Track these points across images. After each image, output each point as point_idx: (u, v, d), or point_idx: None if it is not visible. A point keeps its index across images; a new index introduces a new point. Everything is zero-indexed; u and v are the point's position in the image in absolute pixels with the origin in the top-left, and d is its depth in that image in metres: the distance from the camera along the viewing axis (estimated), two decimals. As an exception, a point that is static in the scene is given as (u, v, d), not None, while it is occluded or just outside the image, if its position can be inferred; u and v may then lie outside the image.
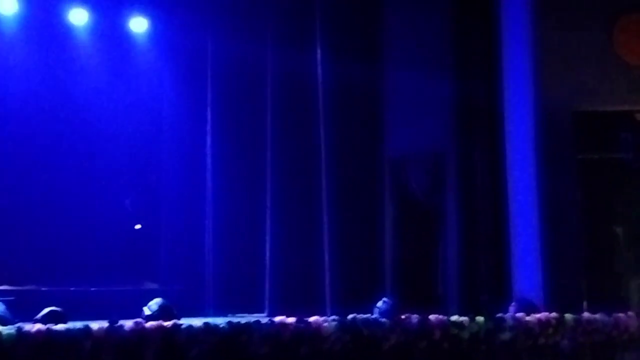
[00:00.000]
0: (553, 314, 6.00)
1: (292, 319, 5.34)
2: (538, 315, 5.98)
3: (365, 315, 5.66)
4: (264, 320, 5.29)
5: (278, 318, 5.35)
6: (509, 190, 7.68)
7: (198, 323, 5.10)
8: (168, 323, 4.98)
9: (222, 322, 5.17)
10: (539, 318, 5.94)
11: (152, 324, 4.92)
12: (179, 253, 9.24)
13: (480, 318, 5.75)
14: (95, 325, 4.76)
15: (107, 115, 9.23)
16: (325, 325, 5.35)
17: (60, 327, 4.71)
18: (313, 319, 5.39)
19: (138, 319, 5.02)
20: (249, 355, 5.12)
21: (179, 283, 8.83)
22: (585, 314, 6.16)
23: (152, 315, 5.59)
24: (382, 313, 6.02)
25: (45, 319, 5.04)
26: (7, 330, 4.53)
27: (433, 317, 5.70)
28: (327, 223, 8.28)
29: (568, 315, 6.01)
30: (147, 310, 5.80)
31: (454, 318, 5.73)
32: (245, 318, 5.82)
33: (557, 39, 7.75)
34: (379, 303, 6.33)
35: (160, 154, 9.57)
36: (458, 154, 8.16)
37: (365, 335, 5.44)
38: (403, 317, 5.65)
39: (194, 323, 5.09)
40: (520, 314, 5.99)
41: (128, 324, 4.87)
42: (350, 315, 5.57)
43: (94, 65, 9.22)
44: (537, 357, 5.83)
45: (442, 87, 8.13)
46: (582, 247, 7.46)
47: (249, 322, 5.22)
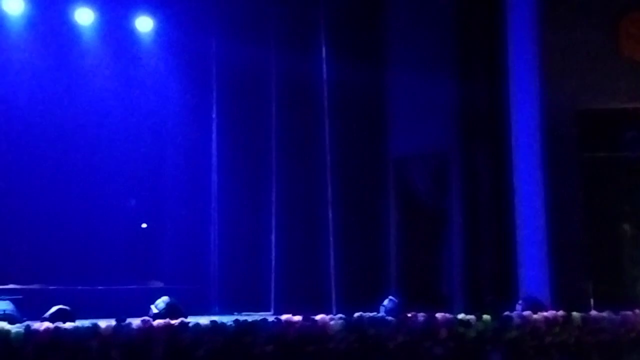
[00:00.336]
0: (560, 313, 6.00)
1: (298, 318, 5.34)
2: (545, 314, 5.98)
3: (372, 314, 5.66)
4: (271, 319, 5.30)
5: (284, 316, 5.35)
6: (514, 189, 7.66)
7: (205, 321, 5.11)
8: (175, 321, 5.00)
9: (228, 320, 5.19)
10: (546, 316, 5.94)
11: (159, 322, 4.94)
12: (185, 252, 9.27)
13: (487, 317, 5.75)
14: (103, 324, 4.78)
15: (112, 115, 9.25)
16: (332, 324, 5.35)
17: (68, 325, 4.73)
18: (319, 318, 5.40)
19: (145, 317, 5.04)
20: (256, 354, 5.12)
21: (185, 281, 8.86)
22: (593, 313, 6.15)
23: (159, 314, 5.60)
24: (388, 312, 6.02)
25: (54, 318, 5.05)
26: (15, 329, 4.55)
27: (439, 315, 5.69)
28: (332, 222, 8.28)
29: (575, 314, 6.01)
30: (154, 309, 5.81)
31: (461, 316, 5.73)
32: (251, 316, 5.83)
33: (560, 38, 7.73)
34: (385, 301, 6.33)
35: (166, 154, 9.59)
36: (462, 155, 8.15)
37: (372, 334, 5.44)
38: (409, 315, 5.65)
39: (201, 321, 5.11)
40: (527, 313, 5.98)
41: (135, 323, 4.88)
42: (357, 314, 5.57)
43: (100, 65, 9.25)
44: (544, 355, 5.83)
45: (446, 88, 8.13)
46: (588, 245, 7.44)
47: (256, 320, 5.23)
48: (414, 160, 8.56)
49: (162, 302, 5.86)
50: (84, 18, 9.12)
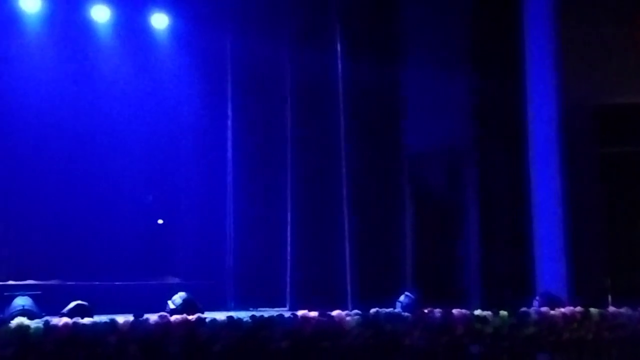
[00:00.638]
0: (578, 308, 5.96)
1: (314, 313, 5.34)
2: (563, 310, 5.94)
3: (388, 310, 5.64)
4: (287, 315, 5.31)
5: (300, 312, 5.35)
6: (531, 185, 7.63)
7: (221, 317, 5.13)
8: (192, 317, 5.02)
9: (245, 316, 5.20)
10: (564, 312, 5.90)
11: (176, 318, 4.96)
12: (201, 248, 9.30)
13: (504, 312, 5.72)
14: (121, 319, 4.81)
15: (128, 111, 9.30)
16: (348, 320, 5.35)
17: (87, 321, 4.75)
18: (335, 313, 5.40)
19: (162, 313, 5.06)
20: (272, 349, 5.13)
21: (201, 277, 8.89)
22: (611, 308, 6.11)
23: (176, 309, 5.62)
24: (404, 307, 6.01)
25: (72, 313, 5.09)
26: (35, 324, 4.58)
27: (456, 311, 5.67)
28: (347, 218, 8.28)
29: (593, 310, 5.97)
30: (171, 304, 5.83)
31: (478, 312, 5.71)
32: (267, 312, 5.84)
33: (578, 33, 7.68)
34: (401, 297, 6.32)
35: (182, 150, 9.63)
36: (478, 151, 8.12)
37: (388, 330, 5.43)
38: (426, 311, 5.63)
39: (218, 317, 5.12)
40: (545, 309, 5.95)
41: (153, 318, 4.90)
42: (373, 310, 5.56)
43: (116, 62, 9.29)
44: (561, 351, 5.80)
45: (462, 84, 8.10)
46: (606, 240, 7.40)
47: (272, 316, 5.24)
48: (430, 157, 8.54)
49: (179, 297, 5.89)
50: (100, 15, 9.16)
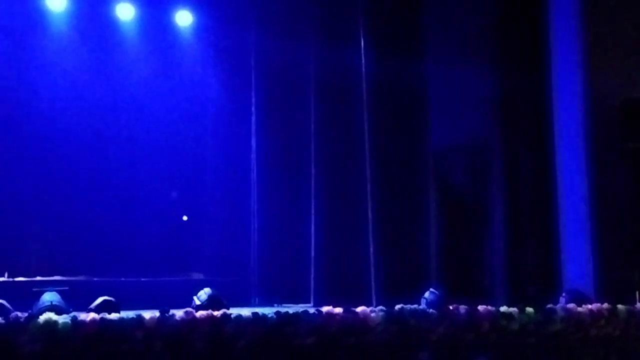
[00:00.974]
0: (605, 305, 5.90)
1: (339, 310, 5.34)
2: (590, 306, 5.89)
3: (413, 306, 5.62)
4: (311, 311, 5.31)
5: (325, 308, 5.35)
6: (557, 180, 7.55)
7: (246, 313, 5.14)
8: (217, 313, 5.04)
9: (269, 312, 5.21)
10: (591, 309, 5.85)
11: (202, 314, 4.99)
12: (226, 244, 9.33)
13: (530, 309, 5.68)
14: (147, 315, 4.85)
15: (153, 109, 9.35)
16: (373, 316, 5.34)
17: (114, 316, 4.80)
18: (360, 310, 5.39)
19: (188, 309, 5.09)
20: (296, 345, 5.14)
21: (226, 273, 8.92)
22: (638, 305, 6.04)
23: (201, 305, 5.66)
24: (429, 304, 5.98)
25: (99, 309, 5.14)
26: (62, 320, 4.64)
27: (481, 308, 5.64)
28: (371, 214, 8.25)
29: (620, 307, 5.90)
30: (196, 300, 5.87)
31: (503, 309, 5.67)
32: (291, 308, 5.85)
33: (603, 27, 7.58)
34: (426, 294, 6.29)
35: (206, 147, 9.66)
36: (503, 146, 8.05)
37: (413, 326, 5.41)
38: (451, 308, 5.60)
39: (242, 313, 5.14)
40: (571, 305, 5.90)
41: (179, 314, 4.94)
42: (398, 306, 5.54)
43: (140, 59, 9.34)
44: (588, 349, 5.74)
45: (486, 77, 8.02)
46: (634, 236, 7.30)
47: (297, 312, 5.25)
48: (455, 152, 8.49)
49: (204, 293, 5.92)
50: (125, 13, 9.23)
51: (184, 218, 9.64)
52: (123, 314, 4.90)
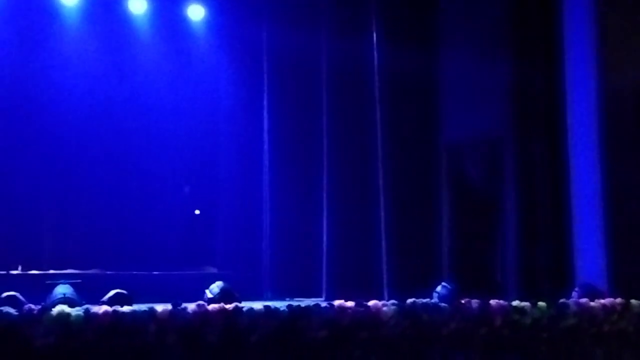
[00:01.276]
0: (618, 300, 5.87)
1: (351, 303, 5.34)
2: (602, 301, 5.85)
3: (425, 300, 5.61)
4: (323, 304, 5.31)
5: (337, 302, 5.35)
6: (571, 175, 7.50)
7: (258, 306, 5.15)
8: (230, 306, 5.05)
9: (281, 305, 5.21)
10: (604, 304, 5.82)
11: (214, 307, 4.99)
12: (238, 238, 9.35)
13: (543, 304, 5.65)
14: (160, 308, 4.86)
15: (166, 103, 9.37)
16: (385, 310, 5.33)
17: (126, 309, 4.82)
18: (372, 303, 5.38)
19: (200, 302, 5.10)
20: (308, 339, 5.14)
21: (238, 267, 8.94)
22: (652, 300, 6.00)
23: (213, 298, 5.67)
24: (441, 298, 5.97)
25: (112, 301, 5.16)
26: (75, 312, 4.66)
27: (494, 302, 5.62)
28: (384, 208, 8.24)
29: (634, 301, 5.87)
30: (208, 294, 5.88)
31: (516, 303, 5.65)
32: (303, 302, 5.85)
33: (619, 19, 7.50)
34: (438, 288, 6.28)
35: (218, 141, 9.67)
36: (517, 140, 7.99)
37: (425, 320, 5.40)
38: (463, 302, 5.59)
39: (254, 306, 5.14)
40: (584, 300, 5.87)
41: (191, 307, 4.95)
42: (410, 300, 5.53)
43: (153, 53, 9.36)
44: (601, 343, 5.71)
45: (500, 71, 7.96)
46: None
47: (309, 305, 5.25)
48: (468, 147, 8.44)
49: (216, 287, 5.93)
50: (137, 7, 9.24)
51: (196, 212, 9.67)
52: (136, 307, 4.91)
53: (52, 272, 8.05)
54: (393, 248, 8.10)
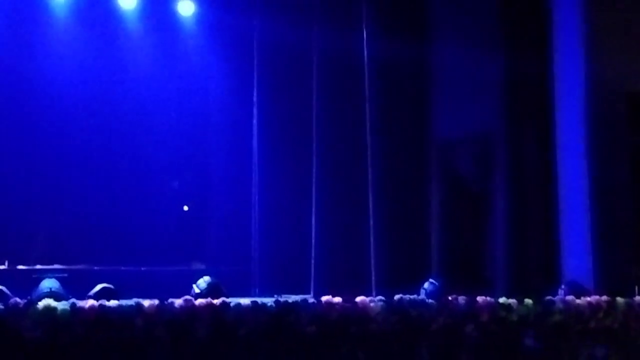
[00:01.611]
0: (604, 298, 5.90)
1: (338, 299, 5.35)
2: (588, 299, 5.89)
3: (412, 296, 5.63)
4: (311, 300, 5.32)
5: (325, 298, 5.36)
6: (559, 173, 7.54)
7: (246, 302, 5.15)
8: (217, 301, 5.05)
9: (269, 301, 5.21)
10: (590, 301, 5.85)
11: (201, 302, 4.99)
12: (226, 234, 9.35)
13: (529, 300, 5.69)
14: (147, 302, 4.85)
15: (155, 98, 9.35)
16: (372, 306, 5.35)
17: (113, 303, 4.81)
18: (360, 299, 5.40)
19: (187, 297, 5.09)
20: (296, 334, 5.15)
21: (226, 264, 8.93)
22: (637, 298, 6.04)
23: (201, 293, 5.66)
24: (428, 294, 5.99)
25: (98, 296, 5.16)
26: (61, 306, 4.65)
27: (481, 299, 5.65)
28: (373, 204, 8.24)
29: (619, 299, 5.90)
30: (196, 289, 5.87)
31: (502, 300, 5.67)
32: (292, 299, 5.85)
33: (610, 18, 7.53)
34: (426, 284, 6.30)
35: (208, 136, 9.67)
36: (507, 136, 8.02)
37: (412, 316, 5.42)
38: (450, 298, 5.61)
39: (242, 302, 5.14)
40: (570, 297, 5.90)
41: (178, 302, 4.94)
42: (397, 296, 5.55)
43: (142, 49, 9.34)
44: (587, 340, 5.74)
45: (491, 68, 7.98)
46: (634, 229, 7.29)
47: (296, 301, 5.26)
48: (458, 143, 8.46)
49: (203, 281, 5.92)
50: (128, 3, 9.21)
51: (185, 208, 9.65)
52: (122, 301, 4.90)
53: (39, 267, 8.01)
54: (381, 244, 8.10)
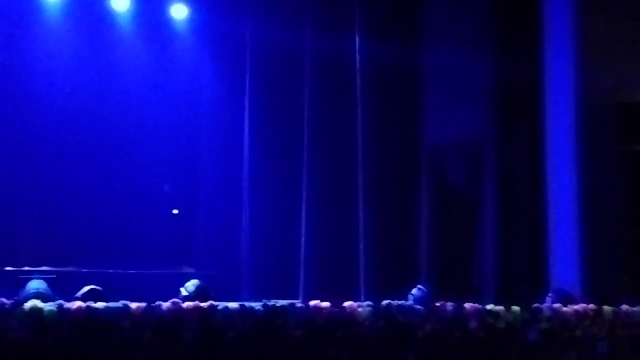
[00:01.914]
0: (591, 306, 5.92)
1: (327, 304, 5.35)
2: (575, 307, 5.91)
3: (400, 302, 5.63)
4: (299, 304, 5.32)
5: (313, 302, 5.36)
6: (549, 181, 7.58)
7: (234, 305, 5.14)
8: (205, 304, 5.03)
9: (257, 305, 5.21)
10: (577, 310, 5.87)
11: (189, 305, 4.97)
12: (216, 238, 9.35)
13: (517, 308, 5.70)
14: (134, 305, 4.83)
15: (147, 101, 9.37)
16: (360, 311, 5.35)
17: (100, 305, 4.79)
18: (348, 304, 5.39)
19: (175, 300, 5.08)
20: (284, 339, 5.14)
21: (215, 268, 8.93)
22: (624, 307, 6.06)
23: (189, 297, 5.65)
24: (416, 300, 6.00)
25: (86, 298, 5.13)
26: (48, 307, 4.62)
27: (468, 306, 5.65)
28: (363, 210, 8.27)
29: (607, 308, 5.92)
30: (184, 292, 5.86)
31: (490, 307, 5.68)
32: (279, 303, 5.84)
33: (601, 27, 7.59)
34: (414, 290, 6.31)
35: (199, 140, 9.68)
36: (497, 143, 8.07)
37: (400, 322, 5.42)
38: (438, 305, 5.62)
39: (230, 305, 5.13)
40: (558, 305, 5.92)
41: (166, 304, 4.92)
42: (385, 302, 5.55)
43: (135, 52, 9.35)
44: (573, 349, 5.76)
45: (482, 74, 8.04)
46: (622, 239, 7.34)
47: (284, 305, 5.25)
48: (448, 149, 8.50)
49: (192, 285, 5.91)
50: (120, 5, 9.22)
51: (175, 212, 9.64)
52: (110, 303, 4.87)
53: (27, 269, 7.98)
54: (371, 250, 8.13)
